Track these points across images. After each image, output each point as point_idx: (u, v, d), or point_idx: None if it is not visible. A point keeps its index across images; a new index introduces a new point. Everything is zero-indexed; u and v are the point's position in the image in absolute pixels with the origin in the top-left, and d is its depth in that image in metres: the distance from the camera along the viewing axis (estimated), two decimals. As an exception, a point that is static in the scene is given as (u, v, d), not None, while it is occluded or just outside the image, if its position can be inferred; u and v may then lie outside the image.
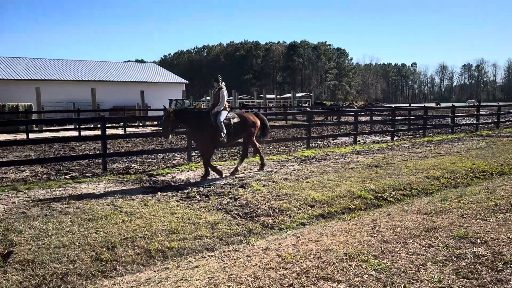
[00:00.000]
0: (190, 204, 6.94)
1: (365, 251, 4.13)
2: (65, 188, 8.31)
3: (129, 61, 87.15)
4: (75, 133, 22.20)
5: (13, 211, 6.45)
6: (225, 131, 8.99)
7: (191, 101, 34.11)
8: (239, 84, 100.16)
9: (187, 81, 48.21)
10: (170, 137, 9.17)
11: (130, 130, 24.14)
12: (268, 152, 13.83)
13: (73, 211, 6.41)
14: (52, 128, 24.88)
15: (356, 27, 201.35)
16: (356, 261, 3.87)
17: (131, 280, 4.07)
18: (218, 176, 9.14)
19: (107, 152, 10.53)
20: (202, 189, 8.12)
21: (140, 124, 26.85)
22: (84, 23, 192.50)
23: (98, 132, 20.96)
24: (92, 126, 24.72)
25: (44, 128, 24.01)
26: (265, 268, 3.87)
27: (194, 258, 4.66)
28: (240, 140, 10.22)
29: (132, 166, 11.08)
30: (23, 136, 20.19)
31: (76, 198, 7.30)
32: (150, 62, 78.87)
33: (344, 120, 26.43)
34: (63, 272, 4.26)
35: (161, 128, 9.22)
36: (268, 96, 52.05)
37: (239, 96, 52.07)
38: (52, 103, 34.12)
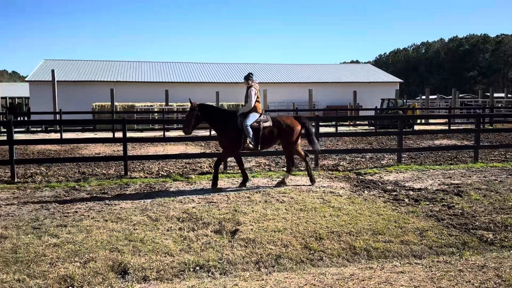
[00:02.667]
0: (397, 207, 6.74)
1: None
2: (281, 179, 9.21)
3: (344, 62, 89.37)
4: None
5: (241, 195, 7.56)
6: (251, 136, 8.00)
7: (404, 100, 32.55)
8: (460, 82, 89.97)
9: (401, 80, 46.23)
10: (191, 132, 8.17)
11: (341, 129, 24.79)
12: (492, 158, 12.07)
13: (287, 200, 7.09)
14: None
15: None
16: None
17: (336, 273, 4.26)
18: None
19: (320, 149, 11.12)
20: (411, 192, 7.76)
21: (351, 123, 27.22)
22: (304, 30, 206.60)
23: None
24: (307, 124, 26.45)
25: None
26: (480, 287, 3.46)
27: (400, 263, 4.53)
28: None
29: (341, 163, 11.41)
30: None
31: (290, 189, 8.03)
32: (364, 63, 78.86)
33: None
34: (277, 254, 4.77)
35: (183, 122, 8.36)
36: (496, 94, 45.06)
37: (460, 95, 46.69)
38: (275, 103, 38.08)
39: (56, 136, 22.52)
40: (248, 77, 8.37)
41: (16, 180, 9.09)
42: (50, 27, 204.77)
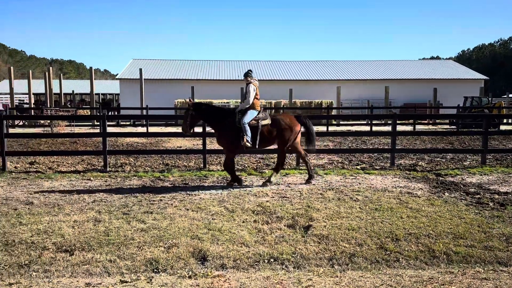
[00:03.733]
0: (481, 210, 6.35)
1: None
2: (355, 177, 9.10)
3: (423, 58, 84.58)
4: (367, 128, 23.55)
5: (313, 192, 7.60)
6: (249, 134, 7.75)
7: (489, 98, 30.08)
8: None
9: (486, 77, 42.73)
10: (190, 132, 8.11)
11: (419, 127, 23.63)
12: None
13: (362, 199, 6.99)
14: (347, 122, 27.28)
15: None
16: None
17: (413, 275, 4.15)
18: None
19: (396, 148, 10.78)
20: (497, 196, 7.25)
21: (430, 122, 25.83)
22: (381, 26, 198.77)
23: (388, 128, 21.54)
24: (383, 122, 25.60)
25: (341, 123, 26.60)
26: None
27: (483, 269, 4.30)
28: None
29: (419, 163, 10.93)
30: (323, 128, 23.01)
31: (365, 187, 7.89)
32: (446, 59, 74.04)
33: None
34: (351, 253, 4.75)
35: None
36: None
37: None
38: (349, 101, 37.29)
39: (143, 130, 24.13)
40: (247, 74, 8.12)
41: (107, 169, 9.96)
42: (139, 27, 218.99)
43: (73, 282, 3.94)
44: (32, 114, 27.70)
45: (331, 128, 23.53)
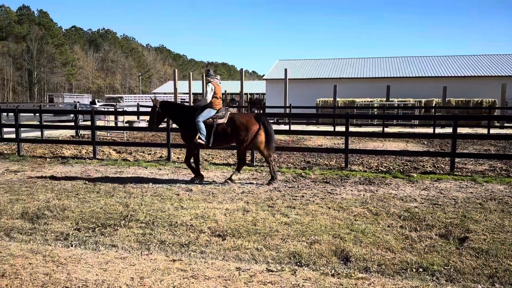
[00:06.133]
0: None
1: None
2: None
3: None
4: (540, 132, 20.13)
5: (470, 201, 6.83)
6: (203, 132, 7.90)
7: None
8: None
9: None
10: (156, 128, 8.43)
11: None
12: None
13: (532, 214, 6.01)
14: (513, 124, 23.74)
15: None
16: None
17: None
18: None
19: None
20: None
21: None
22: None
23: None
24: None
25: (505, 125, 23.29)
26: None
27: None
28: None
29: None
30: (484, 130, 20.48)
31: (537, 201, 6.77)
32: None
33: None
34: (517, 272, 4.14)
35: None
36: None
37: None
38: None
39: (285, 127, 24.97)
40: (207, 73, 8.26)
41: (254, 164, 10.57)
42: (284, 29, 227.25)
43: (225, 265, 4.29)
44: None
45: (493, 131, 20.79)
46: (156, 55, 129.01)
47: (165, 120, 9.90)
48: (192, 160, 8.53)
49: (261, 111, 32.89)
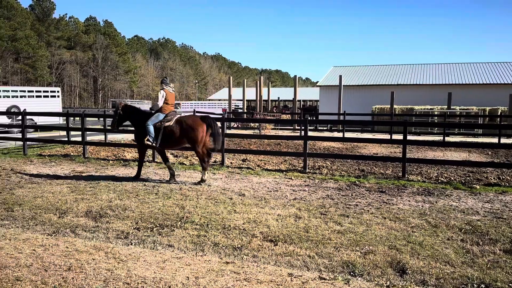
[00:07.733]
0: None
1: None
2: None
3: None
4: None
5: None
6: (151, 134, 8.61)
7: None
8: None
9: None
10: (117, 129, 9.36)
11: None
12: None
13: None
14: None
15: None
16: None
17: None
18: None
19: None
20: None
21: None
22: None
23: None
24: None
25: None
26: None
27: None
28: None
29: None
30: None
31: None
32: None
33: None
34: None
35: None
36: None
37: None
38: None
39: (338, 135, 24.61)
40: (162, 81, 8.99)
41: (306, 171, 10.52)
42: (338, 36, 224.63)
43: (277, 270, 4.31)
44: (245, 117, 31.41)
45: None
46: (212, 62, 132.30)
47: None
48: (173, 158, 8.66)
49: (314, 118, 32.65)
